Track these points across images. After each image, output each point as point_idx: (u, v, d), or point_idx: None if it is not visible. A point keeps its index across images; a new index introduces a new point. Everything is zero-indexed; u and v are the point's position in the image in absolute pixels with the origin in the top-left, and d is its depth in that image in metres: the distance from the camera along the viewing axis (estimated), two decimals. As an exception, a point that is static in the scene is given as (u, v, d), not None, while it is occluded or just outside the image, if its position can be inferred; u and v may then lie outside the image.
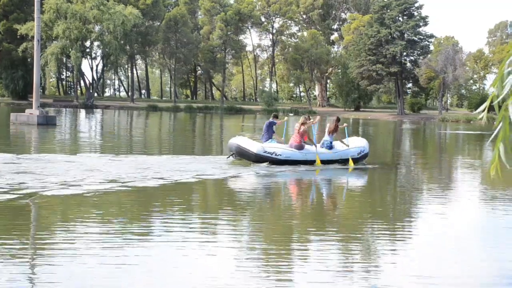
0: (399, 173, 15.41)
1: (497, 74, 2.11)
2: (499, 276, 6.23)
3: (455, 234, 8.22)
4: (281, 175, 13.63)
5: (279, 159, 15.02)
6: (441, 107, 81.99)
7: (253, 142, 15.73)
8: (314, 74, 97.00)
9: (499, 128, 2.00)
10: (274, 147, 15.35)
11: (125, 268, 5.90)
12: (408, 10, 79.59)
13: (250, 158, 15.18)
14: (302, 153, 15.28)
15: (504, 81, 2.04)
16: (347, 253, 6.91)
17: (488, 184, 13.83)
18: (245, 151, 15.23)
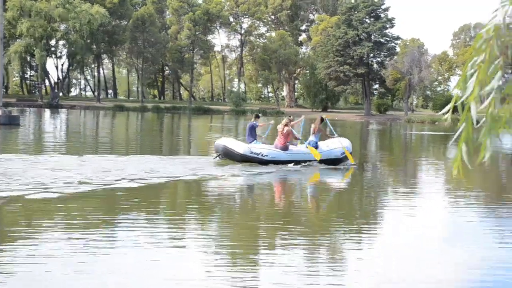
0: (366, 173, 15.51)
1: (460, 76, 2.09)
2: (463, 276, 6.29)
3: (420, 235, 8.28)
4: (254, 177, 13.57)
5: (265, 160, 15.24)
6: (407, 108, 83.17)
7: (239, 143, 15.94)
8: (282, 74, 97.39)
9: (462, 128, 1.99)
10: (260, 148, 15.57)
11: (88, 272, 5.76)
12: (375, 12, 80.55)
13: (236, 159, 15.32)
14: (287, 153, 15.52)
15: (467, 82, 2.03)
16: (314, 254, 6.89)
17: (452, 184, 14.03)
18: (232, 151, 15.40)
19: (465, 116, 2.02)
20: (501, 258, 6.97)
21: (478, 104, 1.99)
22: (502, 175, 16.90)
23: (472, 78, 2.02)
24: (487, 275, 6.28)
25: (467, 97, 2.02)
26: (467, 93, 2.01)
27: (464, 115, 2.01)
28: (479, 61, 1.98)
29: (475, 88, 2.00)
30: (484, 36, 1.97)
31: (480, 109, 2.00)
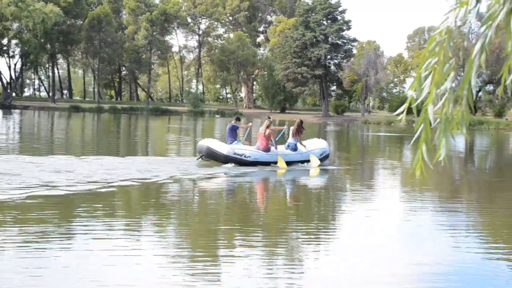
0: (325, 174, 15.64)
1: (415, 78, 2.13)
2: (420, 276, 6.40)
3: (377, 235, 8.40)
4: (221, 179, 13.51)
5: (248, 161, 15.52)
6: (363, 110, 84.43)
7: (223, 144, 16.05)
8: (240, 76, 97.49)
9: (421, 129, 2.02)
10: (243, 149, 15.85)
11: (42, 274, 5.63)
12: (332, 14, 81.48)
13: (220, 160, 15.51)
14: (269, 154, 15.90)
15: (422, 84, 2.06)
16: (272, 257, 6.90)
17: (408, 185, 14.30)
18: (215, 152, 15.60)
19: (423, 117, 2.05)
20: (455, 257, 7.13)
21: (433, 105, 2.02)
22: (456, 176, 17.31)
23: (427, 80, 2.05)
24: (442, 273, 6.41)
25: (424, 98, 2.06)
26: (423, 95, 2.04)
27: (422, 116, 2.04)
28: (433, 63, 2.02)
29: (432, 89, 2.03)
30: (437, 38, 2.01)
31: (434, 110, 2.03)
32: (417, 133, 2.05)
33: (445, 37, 1.97)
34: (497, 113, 72.13)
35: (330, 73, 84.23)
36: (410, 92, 2.13)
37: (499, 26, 1.94)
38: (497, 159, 26.28)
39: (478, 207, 11.47)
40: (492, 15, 1.93)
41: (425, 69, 2.08)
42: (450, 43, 1.95)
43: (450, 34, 1.96)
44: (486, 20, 1.96)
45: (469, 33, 2.12)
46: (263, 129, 16.07)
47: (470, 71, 1.96)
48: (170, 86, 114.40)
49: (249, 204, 10.95)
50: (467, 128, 2.09)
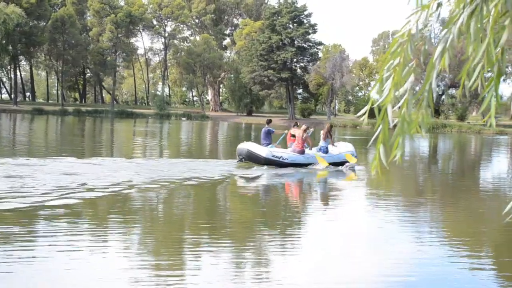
0: (290, 176, 15.69)
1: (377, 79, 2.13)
2: (383, 277, 6.46)
3: (342, 235, 8.46)
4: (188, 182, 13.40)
5: (285, 163, 16.58)
6: (329, 113, 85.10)
7: (261, 147, 17.01)
8: (207, 78, 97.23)
9: (379, 130, 2.03)
10: (281, 152, 16.94)
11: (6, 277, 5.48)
12: (298, 17, 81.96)
13: (260, 162, 16.56)
14: (305, 157, 16.97)
15: (384, 85, 2.07)
16: (239, 259, 6.88)
17: (371, 186, 14.44)
18: (255, 155, 16.66)
19: (382, 118, 2.06)
20: (417, 255, 7.23)
21: (393, 106, 2.03)
22: (419, 177, 17.56)
23: (388, 81, 2.06)
24: (406, 272, 6.48)
25: (384, 99, 2.07)
26: (384, 96, 2.05)
27: (381, 117, 2.05)
28: (395, 64, 2.03)
29: (391, 90, 2.04)
30: (399, 40, 2.02)
31: (393, 110, 2.04)
32: (376, 133, 2.06)
33: (406, 39, 1.98)
34: (459, 116, 73.63)
35: (296, 76, 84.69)
36: (373, 94, 2.13)
37: (461, 30, 1.96)
38: (459, 161, 26.79)
39: (441, 208, 11.66)
40: (452, 19, 1.95)
41: (387, 70, 2.09)
42: (411, 45, 1.97)
43: (411, 36, 1.97)
44: (447, 23, 1.98)
45: (431, 36, 2.14)
46: (300, 133, 17.09)
47: (431, 73, 1.98)
48: (135, 89, 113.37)
49: (218, 208, 10.90)
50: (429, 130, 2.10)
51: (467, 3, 1.90)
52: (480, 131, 60.08)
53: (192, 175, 14.09)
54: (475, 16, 1.90)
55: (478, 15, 1.91)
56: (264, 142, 17.47)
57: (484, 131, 59.45)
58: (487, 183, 17.29)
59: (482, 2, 1.88)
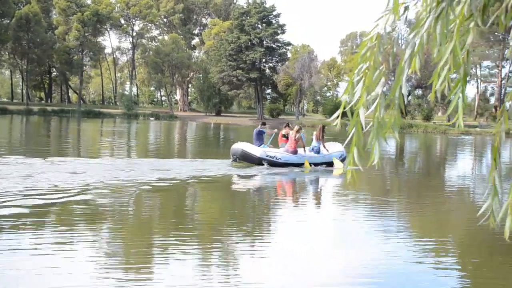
0: (259, 178, 15.71)
1: (348, 82, 2.16)
2: (350, 279, 6.52)
3: (310, 238, 8.51)
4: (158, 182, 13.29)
5: (279, 162, 17.13)
6: (298, 113, 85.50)
7: (256, 147, 17.54)
8: (175, 78, 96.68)
9: (353, 133, 2.06)
10: (275, 152, 17.47)
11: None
12: (266, 18, 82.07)
13: (254, 161, 17.15)
14: (298, 156, 17.49)
15: (355, 88, 2.10)
16: (206, 261, 6.87)
17: (344, 187, 14.57)
18: (250, 155, 17.25)
19: (355, 121, 2.08)
20: (385, 255, 7.32)
21: (365, 109, 2.06)
22: (387, 178, 17.78)
23: (359, 84, 2.09)
24: (373, 272, 6.56)
25: (356, 102, 2.09)
26: (355, 99, 2.08)
27: (354, 120, 2.07)
28: (365, 68, 2.06)
29: (363, 94, 2.07)
30: (368, 44, 2.05)
31: (367, 114, 2.07)
32: (349, 136, 2.09)
33: (375, 43, 2.01)
34: (425, 116, 74.77)
35: (265, 76, 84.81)
36: (344, 97, 2.16)
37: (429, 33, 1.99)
38: (426, 161, 27.22)
39: (408, 208, 11.84)
40: (419, 22, 1.99)
41: (357, 74, 2.11)
42: (380, 49, 2.00)
43: (380, 40, 2.00)
44: (414, 27, 2.02)
45: (399, 39, 2.18)
46: (293, 133, 17.58)
47: (401, 76, 2.01)
48: (103, 88, 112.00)
49: (186, 209, 10.85)
50: (399, 131, 2.15)
51: (433, 7, 1.94)
52: (446, 131, 61.11)
53: (160, 176, 14.00)
54: (441, 20, 1.94)
55: (444, 18, 1.96)
56: (256, 142, 17.97)
57: (449, 131, 60.48)
58: (453, 182, 17.61)
59: (448, 6, 1.93)
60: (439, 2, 1.96)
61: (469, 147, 39.04)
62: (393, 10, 2.01)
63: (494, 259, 7.61)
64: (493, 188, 2.04)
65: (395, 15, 2.03)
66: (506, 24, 1.99)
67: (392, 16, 2.05)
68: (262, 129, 18.39)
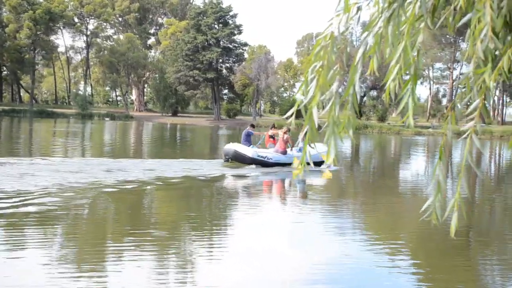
0: (214, 179, 15.67)
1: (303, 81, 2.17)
2: (305, 280, 6.57)
3: (268, 237, 8.54)
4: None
5: (270, 162, 17.86)
6: (255, 113, 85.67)
7: (248, 148, 18.19)
8: (131, 78, 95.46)
9: (306, 131, 2.07)
10: (265, 152, 18.18)
11: None
12: (223, 18, 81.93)
13: (246, 161, 17.75)
14: (287, 156, 18.19)
15: (309, 87, 2.11)
16: (163, 260, 6.81)
17: (302, 188, 14.66)
18: (242, 155, 17.89)
19: (308, 120, 2.09)
20: (340, 255, 7.41)
21: (320, 108, 2.08)
22: (342, 177, 17.99)
23: (312, 83, 2.10)
24: (328, 273, 6.63)
25: (309, 101, 2.10)
26: (308, 97, 2.09)
27: (307, 119, 2.08)
28: (318, 66, 2.08)
29: (317, 93, 2.08)
30: (322, 43, 2.07)
31: (322, 114, 2.09)
32: (302, 135, 2.11)
33: (329, 42, 2.03)
34: (380, 117, 76.03)
35: (222, 76, 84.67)
36: (298, 96, 2.17)
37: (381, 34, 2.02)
38: (381, 161, 27.68)
39: (363, 209, 12.02)
40: (371, 23, 2.02)
41: (311, 72, 2.13)
42: (333, 48, 2.02)
43: (333, 39, 2.02)
44: (367, 27, 2.05)
45: (352, 39, 2.20)
46: (281, 134, 18.34)
47: (354, 77, 2.04)
48: (56, 88, 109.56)
49: (141, 212, 10.73)
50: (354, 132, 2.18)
51: (385, 8, 1.97)
52: (400, 132, 62.29)
53: (115, 177, 13.81)
54: (392, 20, 1.98)
55: (396, 19, 1.99)
56: (244, 143, 18.60)
57: (403, 131, 61.67)
58: (406, 182, 17.96)
59: (399, 7, 1.96)
60: (391, 2, 1.99)
61: (422, 148, 39.91)
62: (345, 10, 2.03)
63: (445, 257, 7.79)
64: (436, 186, 2.09)
65: (348, 15, 2.06)
66: (455, 25, 2.04)
67: (345, 16, 2.07)
68: (250, 130, 19.18)
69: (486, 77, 1.93)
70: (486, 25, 1.88)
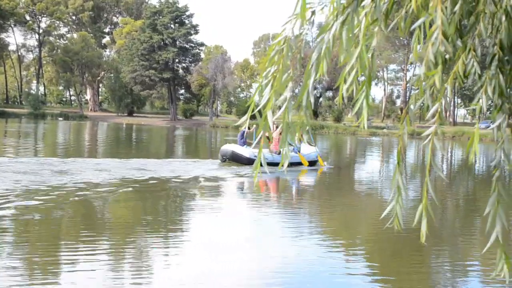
0: (170, 182, 15.51)
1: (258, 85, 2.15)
2: (262, 280, 6.56)
3: (225, 235, 8.50)
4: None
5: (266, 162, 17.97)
6: (211, 114, 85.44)
7: (245, 148, 19.02)
8: (85, 77, 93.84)
9: (261, 135, 2.05)
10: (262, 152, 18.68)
11: None
12: (179, 18, 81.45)
13: (243, 162, 18.50)
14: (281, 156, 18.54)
15: (263, 91, 2.08)
16: (119, 259, 6.68)
17: (257, 188, 14.66)
18: (239, 155, 18.76)
19: (263, 124, 2.07)
20: (296, 256, 7.43)
21: (274, 112, 2.06)
22: (297, 178, 18.09)
23: (267, 87, 2.07)
24: (283, 273, 6.63)
25: (264, 105, 2.08)
26: (263, 102, 2.07)
27: (262, 124, 2.07)
28: (273, 71, 2.05)
29: (272, 97, 2.06)
30: (276, 48, 2.04)
31: (276, 117, 2.07)
32: (257, 139, 2.09)
33: (284, 46, 2.01)
34: (336, 118, 76.95)
35: (178, 76, 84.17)
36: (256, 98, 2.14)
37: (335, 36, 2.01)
38: (336, 162, 27.97)
39: (319, 210, 12.11)
40: (326, 27, 2.00)
41: (265, 77, 2.10)
42: (288, 52, 1.99)
43: (288, 43, 2.00)
44: (321, 31, 2.03)
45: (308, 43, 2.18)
46: (276, 134, 18.34)
47: (308, 81, 2.02)
48: (7, 87, 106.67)
49: (95, 214, 10.51)
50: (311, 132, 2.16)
51: (339, 12, 1.96)
52: (355, 132, 63.18)
53: (67, 178, 13.52)
54: (347, 24, 1.97)
55: (350, 23, 1.98)
56: (239, 142, 19.45)
57: (358, 132, 62.58)
58: (362, 183, 18.19)
59: (353, 12, 1.95)
60: (345, 7, 1.98)
61: (377, 148, 40.57)
62: (300, 15, 2.00)
63: (400, 259, 7.91)
64: (397, 191, 2.08)
65: (302, 20, 2.03)
66: (406, 29, 2.04)
67: (300, 20, 2.05)
68: (244, 129, 19.90)
69: (437, 80, 1.94)
70: (437, 28, 1.88)
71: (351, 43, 1.99)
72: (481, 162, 27.69)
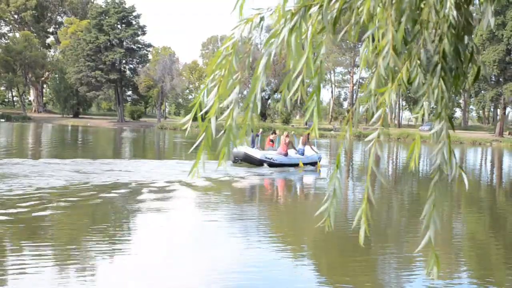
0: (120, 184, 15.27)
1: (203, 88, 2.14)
2: (210, 283, 6.54)
3: (173, 241, 8.43)
4: None
5: (275, 163, 20.45)
6: (159, 115, 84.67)
7: (257, 150, 20.84)
8: (28, 78, 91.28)
9: (202, 138, 2.06)
10: (271, 154, 20.81)
11: None
12: (126, 18, 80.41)
13: (255, 162, 20.34)
14: (288, 158, 20.95)
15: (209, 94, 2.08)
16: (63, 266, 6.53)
17: (206, 191, 14.59)
18: (251, 157, 20.42)
19: (205, 128, 2.08)
20: (248, 258, 7.45)
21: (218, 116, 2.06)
22: (244, 180, 18.13)
23: (213, 92, 2.07)
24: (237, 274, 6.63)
25: (208, 110, 2.09)
26: (208, 106, 2.07)
27: (204, 127, 2.07)
28: (219, 75, 2.05)
29: (216, 102, 2.06)
30: (224, 53, 2.04)
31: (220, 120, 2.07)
32: (197, 142, 2.10)
33: (231, 52, 2.00)
34: (284, 120, 77.57)
35: (126, 77, 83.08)
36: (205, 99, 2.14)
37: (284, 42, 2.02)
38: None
39: (267, 213, 12.16)
40: (274, 33, 2.01)
41: (211, 81, 2.10)
42: (236, 58, 1.99)
43: (236, 48, 2.00)
44: (269, 38, 2.04)
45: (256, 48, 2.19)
46: (283, 138, 21.13)
47: (256, 85, 2.02)
48: None
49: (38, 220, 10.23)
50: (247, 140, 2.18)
51: (287, 19, 1.97)
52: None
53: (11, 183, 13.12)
54: (295, 32, 1.98)
55: (298, 30, 1.99)
56: (251, 145, 20.96)
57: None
58: (309, 185, 18.38)
59: (301, 19, 1.97)
60: (293, 14, 1.99)
61: (325, 150, 41.13)
62: (247, 21, 2.01)
63: (344, 257, 8.03)
64: (333, 192, 2.13)
65: (251, 25, 2.04)
66: (355, 37, 2.08)
67: (248, 25, 2.05)
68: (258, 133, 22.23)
69: (387, 97, 1.98)
70: (387, 43, 1.92)
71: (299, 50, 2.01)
72: (425, 164, 28.46)
